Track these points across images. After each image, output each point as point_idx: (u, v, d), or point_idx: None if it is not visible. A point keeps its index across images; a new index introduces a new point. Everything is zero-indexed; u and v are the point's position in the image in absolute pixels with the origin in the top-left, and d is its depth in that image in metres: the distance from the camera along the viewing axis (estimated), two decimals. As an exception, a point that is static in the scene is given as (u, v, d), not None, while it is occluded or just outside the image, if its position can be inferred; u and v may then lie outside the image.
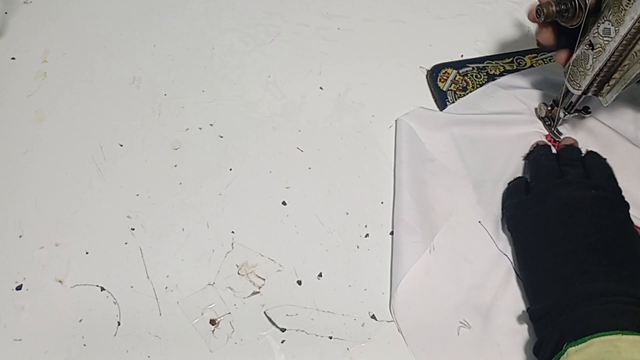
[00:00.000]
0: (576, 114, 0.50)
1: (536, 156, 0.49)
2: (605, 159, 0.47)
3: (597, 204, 0.42)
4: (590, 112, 0.50)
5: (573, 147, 0.49)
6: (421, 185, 0.49)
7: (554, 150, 0.50)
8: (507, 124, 0.53)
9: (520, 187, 0.48)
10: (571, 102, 0.49)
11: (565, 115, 0.50)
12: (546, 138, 0.52)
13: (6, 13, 0.61)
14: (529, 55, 0.59)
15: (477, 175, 0.50)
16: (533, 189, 0.46)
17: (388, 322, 0.44)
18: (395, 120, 0.54)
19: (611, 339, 0.35)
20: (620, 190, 0.44)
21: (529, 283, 0.43)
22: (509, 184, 0.49)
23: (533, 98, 0.55)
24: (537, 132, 0.52)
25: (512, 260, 0.46)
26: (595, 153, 0.48)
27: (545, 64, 0.58)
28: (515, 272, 0.45)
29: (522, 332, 0.43)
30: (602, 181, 0.45)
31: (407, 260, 0.45)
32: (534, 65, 0.58)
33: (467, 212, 0.48)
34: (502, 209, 0.48)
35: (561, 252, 0.41)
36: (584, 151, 0.49)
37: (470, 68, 0.58)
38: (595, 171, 0.46)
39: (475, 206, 0.49)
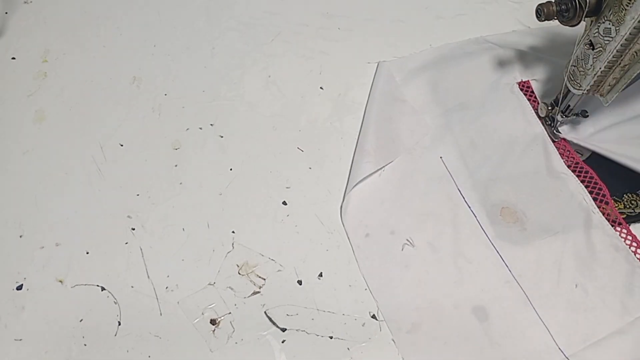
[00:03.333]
0: (574, 117, 0.50)
1: None
2: None
3: None
4: (587, 116, 0.50)
5: None
6: (387, 120, 0.53)
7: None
8: (482, 71, 0.57)
9: None
10: (569, 105, 0.49)
11: (562, 118, 0.50)
12: (519, 85, 0.56)
13: (6, 13, 0.61)
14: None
15: (447, 115, 0.54)
16: None
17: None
18: (377, 63, 0.57)
19: None
20: None
21: None
22: None
23: (513, 52, 0.58)
24: (507, 84, 0.56)
25: (462, 192, 0.49)
26: None
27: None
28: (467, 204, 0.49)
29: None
30: None
31: (355, 175, 0.49)
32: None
33: (431, 148, 0.52)
34: None
35: None
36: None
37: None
38: None
39: (440, 144, 0.52)
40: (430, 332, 0.43)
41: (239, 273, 0.46)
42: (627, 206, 0.49)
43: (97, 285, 0.45)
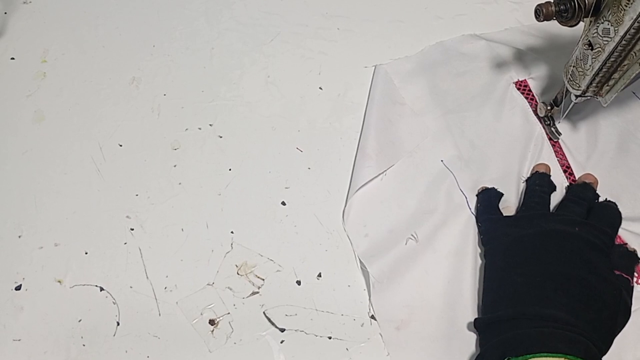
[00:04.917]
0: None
1: (531, 185, 0.48)
2: (618, 211, 0.45)
3: (576, 241, 0.41)
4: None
5: (588, 186, 0.46)
6: (387, 123, 0.53)
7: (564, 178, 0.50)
8: (479, 71, 0.57)
9: (493, 201, 0.47)
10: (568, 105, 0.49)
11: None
12: (515, 84, 0.55)
13: (6, 13, 0.61)
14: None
15: (446, 117, 0.54)
16: (518, 213, 0.46)
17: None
18: (374, 66, 0.57)
19: None
20: (612, 242, 0.42)
21: (485, 293, 0.43)
22: (480, 192, 0.49)
23: (508, 50, 0.58)
24: (505, 83, 0.56)
25: (464, 192, 0.49)
26: (612, 203, 0.45)
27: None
28: (469, 208, 0.49)
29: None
30: (595, 225, 0.42)
31: (357, 179, 0.49)
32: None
33: (432, 150, 0.52)
34: (477, 222, 0.48)
35: (524, 272, 0.41)
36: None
37: (470, 68, 0.59)
38: (598, 216, 0.44)
39: (441, 146, 0.52)
40: (419, 330, 0.43)
41: (238, 273, 0.46)
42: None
43: (96, 286, 0.45)
